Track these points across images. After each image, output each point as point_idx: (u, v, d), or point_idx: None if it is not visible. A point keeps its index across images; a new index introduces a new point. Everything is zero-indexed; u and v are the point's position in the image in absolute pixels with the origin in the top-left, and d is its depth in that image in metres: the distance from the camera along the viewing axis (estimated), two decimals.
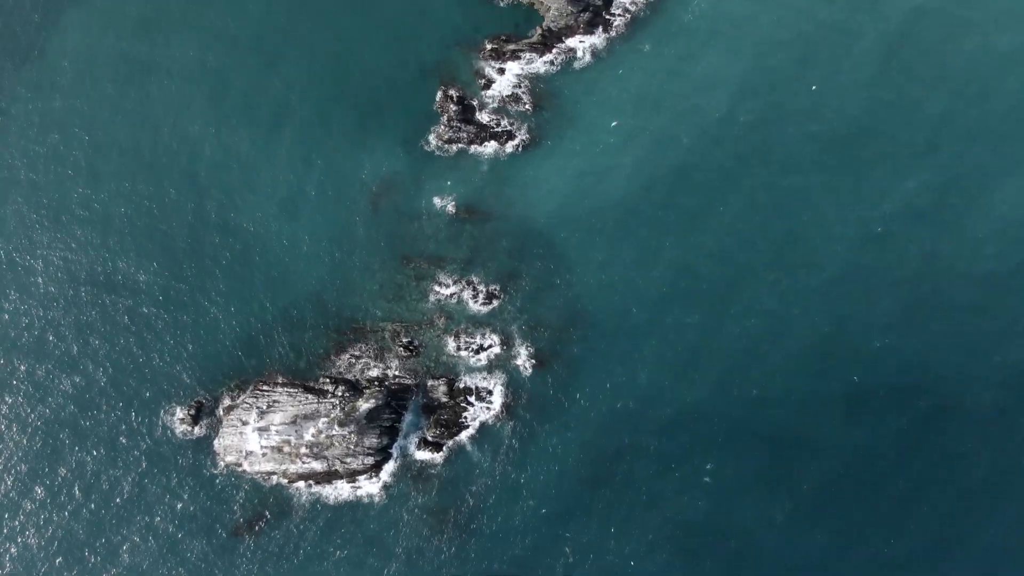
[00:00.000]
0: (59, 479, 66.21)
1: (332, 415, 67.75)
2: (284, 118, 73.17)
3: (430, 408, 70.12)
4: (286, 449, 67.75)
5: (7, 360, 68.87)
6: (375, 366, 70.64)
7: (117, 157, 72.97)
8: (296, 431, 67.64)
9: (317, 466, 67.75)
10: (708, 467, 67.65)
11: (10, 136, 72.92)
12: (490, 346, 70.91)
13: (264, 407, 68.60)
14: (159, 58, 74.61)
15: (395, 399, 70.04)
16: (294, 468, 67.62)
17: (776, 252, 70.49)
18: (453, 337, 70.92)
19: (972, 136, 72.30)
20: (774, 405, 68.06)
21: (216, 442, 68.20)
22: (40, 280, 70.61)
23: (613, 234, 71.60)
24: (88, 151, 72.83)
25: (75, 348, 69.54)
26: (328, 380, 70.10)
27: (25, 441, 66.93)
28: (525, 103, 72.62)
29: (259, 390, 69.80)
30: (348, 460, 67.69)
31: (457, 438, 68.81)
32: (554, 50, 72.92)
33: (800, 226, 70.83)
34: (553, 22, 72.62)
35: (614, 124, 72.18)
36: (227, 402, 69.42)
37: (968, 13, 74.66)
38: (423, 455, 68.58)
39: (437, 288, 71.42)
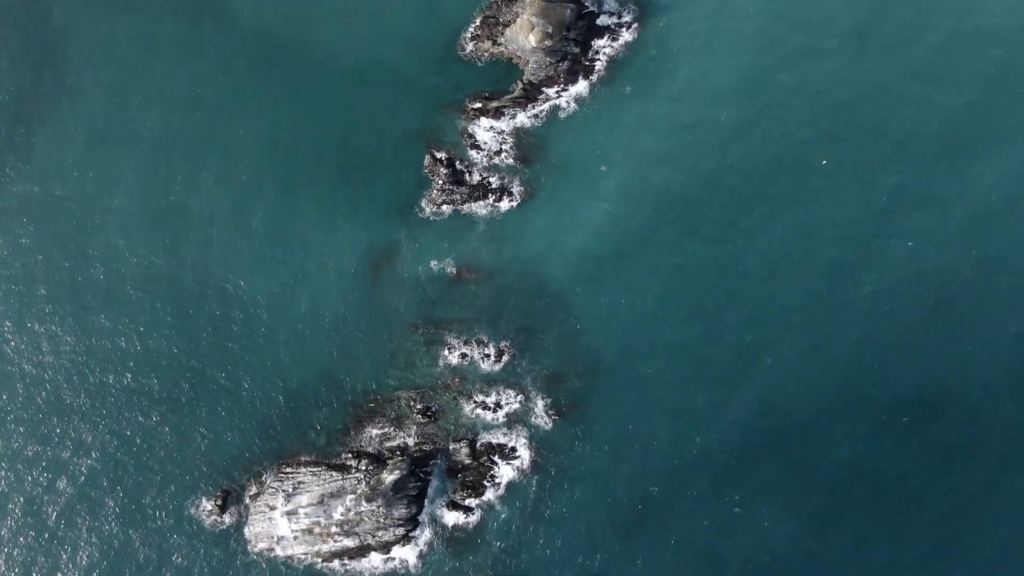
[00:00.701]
0: None
1: (358, 491, 68.02)
2: (276, 197, 73.02)
3: (455, 471, 70.48)
4: (316, 530, 68.02)
5: (17, 456, 68.94)
6: (395, 436, 70.92)
7: (113, 244, 72.69)
8: (324, 511, 67.88)
9: (349, 543, 68.12)
10: (736, 498, 68.36)
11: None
12: (507, 403, 71.27)
13: (290, 490, 68.82)
14: (151, 135, 74.31)
15: (419, 466, 70.36)
16: (327, 548, 67.95)
17: (781, 286, 71.12)
18: (469, 398, 71.24)
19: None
20: (792, 429, 69.11)
21: (246, 529, 68.46)
22: (20, 386, 70.52)
23: (617, 280, 71.93)
24: (78, 239, 72.54)
25: (89, 460, 69.78)
26: (351, 455, 70.36)
27: (45, 546, 67.16)
28: (514, 158, 72.78)
29: (283, 473, 70.04)
30: (379, 533, 68.05)
31: (485, 498, 69.23)
32: (537, 102, 72.99)
33: (804, 259, 71.41)
34: (533, 75, 72.66)
35: (603, 168, 72.39)
36: (253, 488, 69.64)
37: None
38: (453, 518, 69.02)
39: (448, 351, 71.66)
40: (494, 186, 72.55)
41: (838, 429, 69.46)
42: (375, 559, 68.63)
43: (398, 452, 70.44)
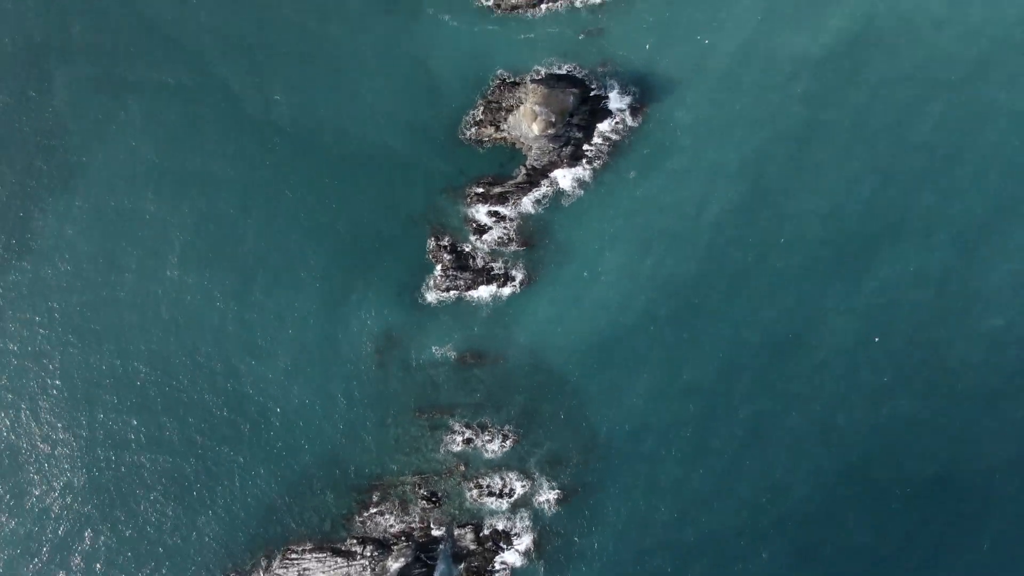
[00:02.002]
0: None
1: None
2: (278, 281, 72.77)
3: (460, 556, 70.74)
4: None
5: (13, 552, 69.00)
6: (400, 521, 71.10)
7: (105, 327, 72.35)
8: None
9: None
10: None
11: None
12: (512, 487, 71.52)
13: None
14: (155, 215, 73.84)
15: (424, 552, 70.57)
16: None
17: (786, 362, 71.65)
18: (474, 483, 71.44)
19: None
20: (797, 507, 70.33)
21: None
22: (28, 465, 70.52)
23: (619, 360, 72.11)
24: (76, 319, 72.27)
25: (91, 543, 69.73)
26: (355, 541, 70.57)
27: None
28: (517, 243, 72.67)
29: (287, 559, 70.22)
30: None
31: None
32: (541, 187, 72.76)
33: (807, 333, 71.81)
34: (536, 160, 72.42)
35: (606, 253, 72.44)
36: (258, 574, 69.71)
37: None
38: None
39: (452, 436, 71.78)
40: (497, 271, 72.46)
41: (843, 509, 70.15)
42: None
43: (403, 538, 70.66)
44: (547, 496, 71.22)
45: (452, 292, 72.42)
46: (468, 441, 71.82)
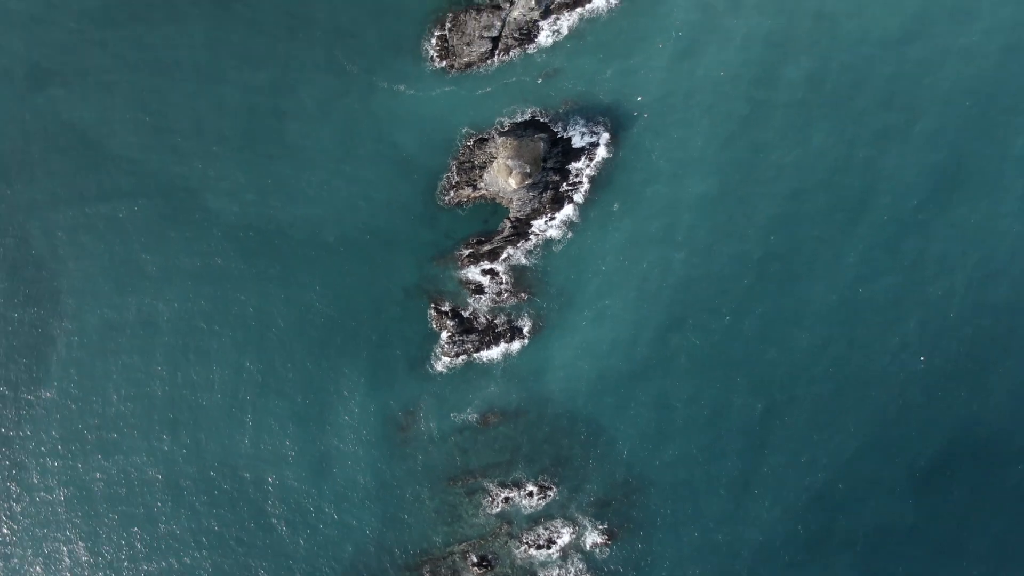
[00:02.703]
0: None
1: None
2: (288, 377, 72.37)
3: None
4: None
5: None
6: None
7: (132, 438, 71.73)
8: None
9: None
10: None
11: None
12: (558, 536, 71.66)
13: None
14: (167, 323, 73.05)
15: None
16: None
17: (808, 368, 72.58)
18: (520, 539, 71.50)
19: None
20: (850, 518, 70.40)
21: None
22: None
23: (644, 396, 72.41)
24: (100, 436, 71.72)
25: None
26: None
27: None
28: (517, 296, 72.54)
29: None
30: None
31: None
32: (529, 237, 72.59)
33: (815, 358, 72.83)
34: (519, 211, 72.20)
35: (605, 290, 72.25)
36: None
37: None
38: None
39: (490, 498, 71.80)
40: (502, 328, 72.33)
41: (908, 533, 71.70)
42: None
43: None
44: (594, 538, 71.39)
45: (462, 357, 72.27)
46: (507, 500, 71.81)
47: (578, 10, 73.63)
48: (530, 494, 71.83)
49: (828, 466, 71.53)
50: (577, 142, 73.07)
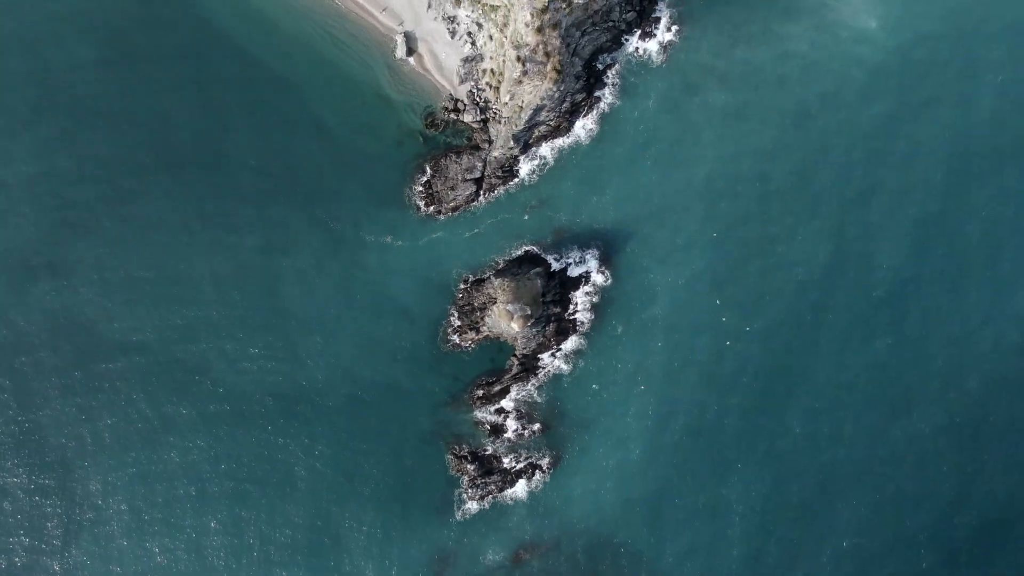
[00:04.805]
0: None
1: None
2: (320, 541, 72.26)
3: None
4: None
5: None
6: None
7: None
8: None
9: None
10: None
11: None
12: None
13: None
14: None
15: None
16: None
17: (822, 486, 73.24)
18: None
19: None
20: None
21: None
22: None
23: (670, 513, 72.79)
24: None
25: None
26: None
27: None
28: (533, 431, 72.70)
29: None
30: None
31: None
32: (538, 371, 72.79)
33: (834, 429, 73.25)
34: (524, 348, 72.30)
35: (621, 416, 72.53)
36: None
37: None
38: None
39: None
40: (522, 466, 72.45)
41: None
42: None
43: None
44: None
45: (486, 499, 72.29)
46: None
47: (556, 141, 73.94)
48: None
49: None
50: (573, 271, 73.31)
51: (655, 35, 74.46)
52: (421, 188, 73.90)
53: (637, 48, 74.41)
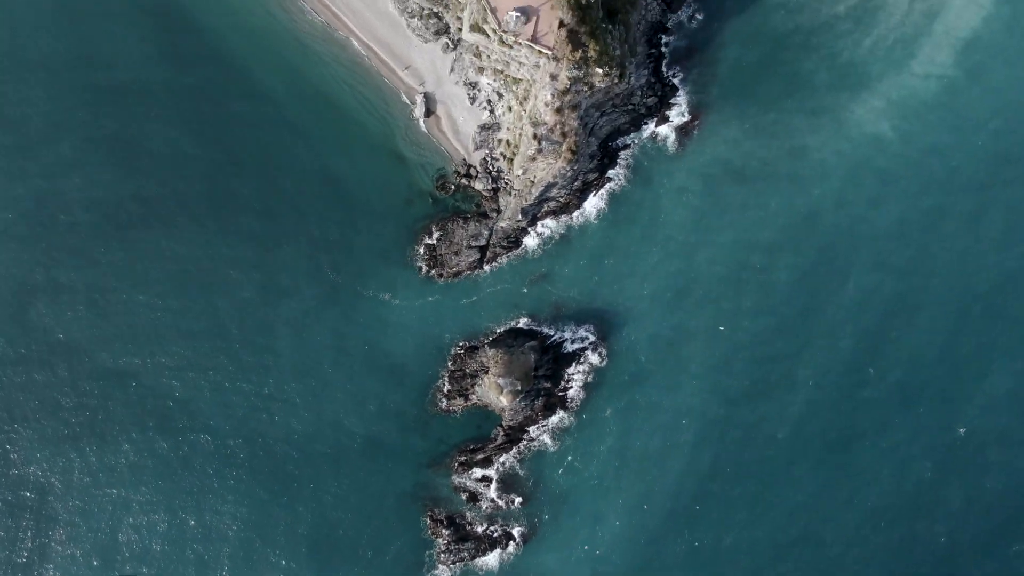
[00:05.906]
0: None
1: None
2: None
3: None
4: None
5: None
6: None
7: None
8: None
9: None
10: None
11: None
12: None
13: None
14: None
15: None
16: None
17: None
18: None
19: None
20: None
21: None
22: None
23: None
24: None
25: None
26: None
27: None
28: (510, 502, 72.72)
29: None
30: None
31: None
32: (521, 443, 72.92)
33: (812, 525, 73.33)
34: (511, 420, 72.47)
35: (598, 489, 72.67)
36: None
37: None
38: None
39: None
40: (498, 535, 72.48)
41: None
42: None
43: None
44: None
45: (458, 564, 72.26)
46: None
47: (563, 218, 74.31)
48: None
49: None
50: (568, 347, 73.52)
51: (672, 121, 74.85)
52: (425, 250, 74.18)
53: (655, 133, 74.87)
